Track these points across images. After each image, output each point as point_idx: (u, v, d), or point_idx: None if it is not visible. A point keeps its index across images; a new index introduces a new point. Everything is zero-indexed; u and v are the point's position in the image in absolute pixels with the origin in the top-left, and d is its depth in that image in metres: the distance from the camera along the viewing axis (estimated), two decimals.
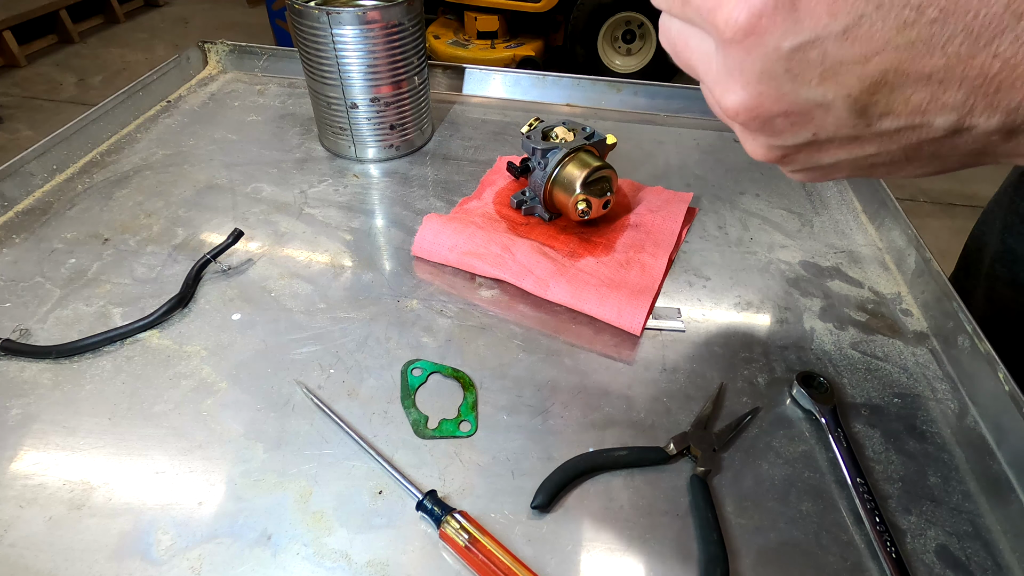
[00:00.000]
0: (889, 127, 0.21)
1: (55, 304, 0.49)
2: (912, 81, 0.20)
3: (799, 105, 0.22)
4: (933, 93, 0.20)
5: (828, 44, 0.20)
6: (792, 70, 0.21)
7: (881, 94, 0.20)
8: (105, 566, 0.33)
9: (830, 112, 0.22)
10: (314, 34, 0.59)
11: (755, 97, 0.22)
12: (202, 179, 0.64)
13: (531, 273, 0.51)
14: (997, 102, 0.19)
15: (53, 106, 2.73)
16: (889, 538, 0.35)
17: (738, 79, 0.22)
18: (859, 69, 0.20)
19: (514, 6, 2.59)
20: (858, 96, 0.21)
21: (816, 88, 0.21)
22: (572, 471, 0.38)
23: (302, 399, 0.42)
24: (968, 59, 0.19)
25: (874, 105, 0.21)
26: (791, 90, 0.22)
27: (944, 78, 0.19)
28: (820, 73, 0.21)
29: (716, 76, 0.24)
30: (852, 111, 0.21)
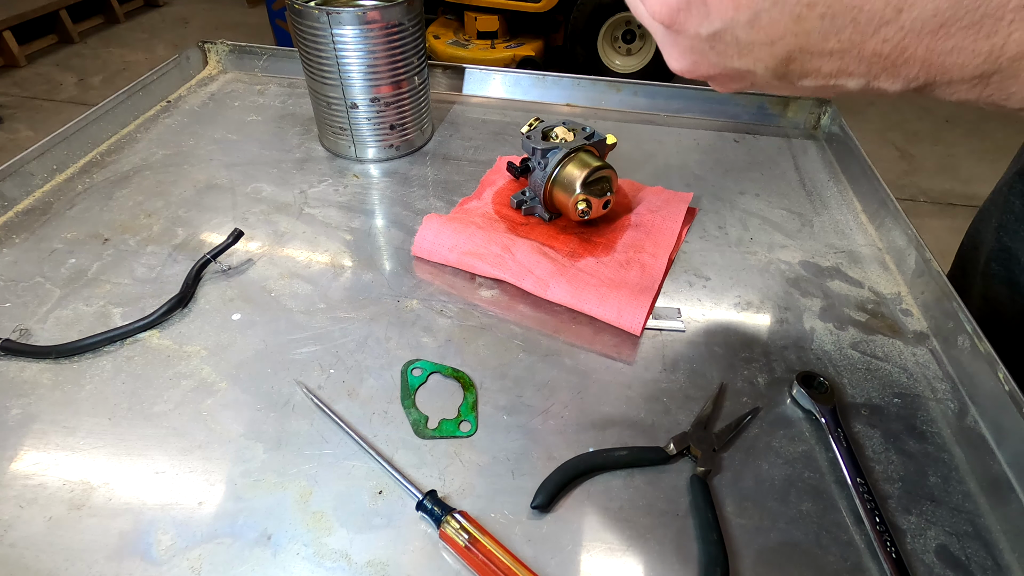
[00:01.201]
0: (810, 85, 0.25)
1: (55, 304, 0.49)
2: (817, 56, 0.23)
3: (730, 70, 0.26)
4: (839, 65, 0.23)
5: (738, 31, 0.24)
6: (715, 48, 0.25)
7: (794, 65, 0.24)
8: (105, 566, 0.33)
9: (756, 75, 0.26)
10: (314, 34, 0.59)
11: (692, 64, 0.27)
12: (202, 179, 0.64)
13: (531, 273, 0.51)
14: (895, 73, 0.22)
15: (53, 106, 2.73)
16: (889, 538, 0.35)
17: (674, 51, 0.27)
18: (768, 50, 0.24)
19: (514, 6, 2.58)
20: (775, 68, 0.25)
21: (738, 61, 0.25)
22: (572, 471, 0.38)
23: (302, 399, 0.42)
24: (860, 44, 0.22)
25: (791, 73, 0.25)
26: (719, 61, 0.26)
27: (844, 55, 0.23)
28: (738, 52, 0.25)
29: (661, 40, 0.28)
30: (773, 77, 0.25)
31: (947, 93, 0.23)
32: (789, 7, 0.22)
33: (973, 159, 2.60)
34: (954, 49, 0.21)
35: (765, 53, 0.24)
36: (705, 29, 0.24)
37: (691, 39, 0.25)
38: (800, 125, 0.77)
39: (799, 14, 0.22)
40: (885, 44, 0.21)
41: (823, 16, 0.22)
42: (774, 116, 0.77)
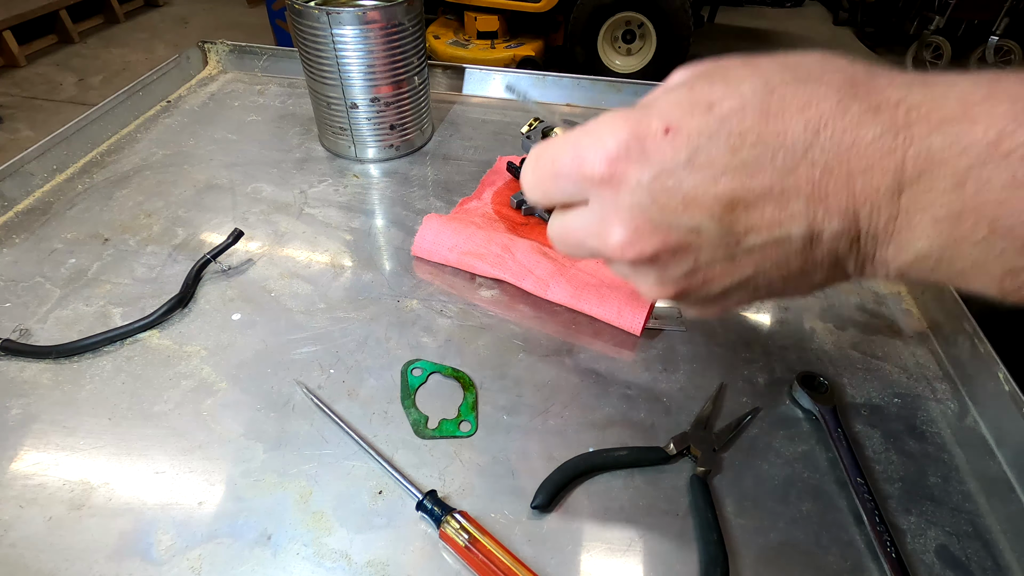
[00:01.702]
0: (756, 242, 0.24)
1: (55, 304, 0.49)
2: (758, 196, 0.23)
3: (674, 233, 0.25)
4: (780, 205, 0.23)
5: (679, 173, 0.23)
6: (657, 200, 0.24)
7: (738, 211, 0.23)
8: (105, 566, 0.33)
9: (702, 235, 0.24)
10: (314, 34, 0.59)
11: (633, 231, 0.25)
12: (202, 179, 0.64)
13: (531, 273, 0.51)
14: (830, 206, 0.22)
15: (53, 106, 2.73)
16: (889, 538, 0.35)
17: (614, 218, 0.26)
18: (712, 190, 0.23)
19: (514, 6, 2.58)
20: (720, 215, 0.24)
21: (683, 214, 0.24)
22: (572, 471, 0.38)
23: (302, 399, 0.42)
24: (793, 170, 0.22)
25: (736, 222, 0.24)
26: (662, 218, 0.24)
27: (783, 190, 0.23)
28: (682, 199, 0.24)
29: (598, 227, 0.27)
30: (720, 230, 0.24)
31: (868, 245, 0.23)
32: (723, 139, 0.23)
33: None
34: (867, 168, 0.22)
35: (709, 197, 0.23)
36: (646, 175, 0.24)
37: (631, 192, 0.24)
38: None
39: (733, 144, 0.23)
40: (814, 168, 0.22)
41: (754, 144, 0.22)
42: None
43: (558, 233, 0.30)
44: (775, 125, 0.22)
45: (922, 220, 0.21)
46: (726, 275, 0.26)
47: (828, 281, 0.26)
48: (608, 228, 0.26)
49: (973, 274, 0.21)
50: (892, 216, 0.22)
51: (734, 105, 0.23)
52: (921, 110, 0.21)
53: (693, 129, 0.23)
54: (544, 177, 0.29)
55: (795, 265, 0.25)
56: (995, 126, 0.19)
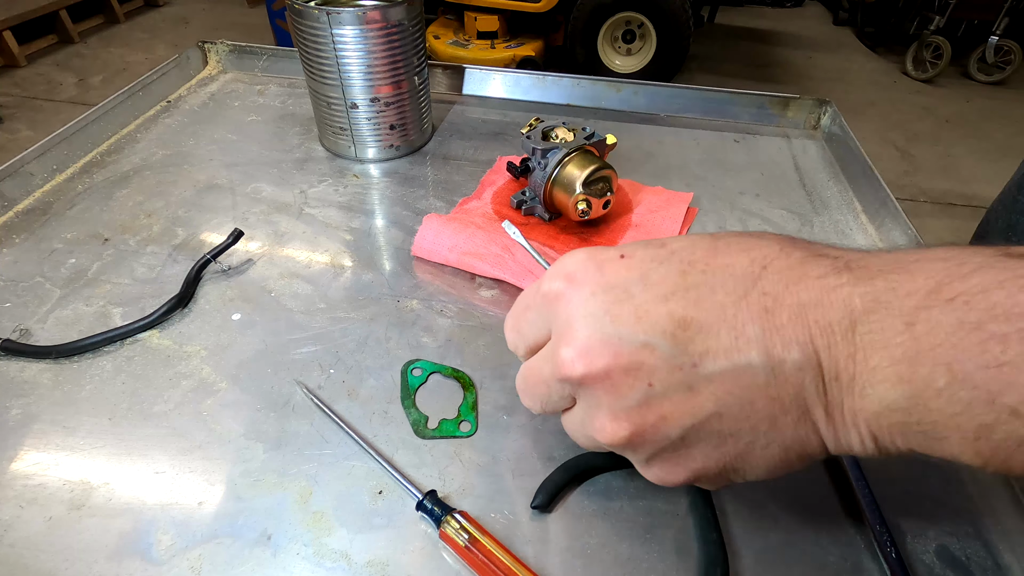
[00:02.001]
0: (714, 368, 0.23)
1: (55, 304, 0.49)
2: (712, 319, 0.23)
3: (626, 347, 0.24)
4: (735, 330, 0.23)
5: (632, 288, 0.24)
6: (610, 311, 0.24)
7: (691, 331, 0.23)
8: (105, 566, 0.33)
9: (655, 352, 0.24)
10: (314, 34, 0.59)
11: (585, 342, 0.25)
12: (202, 179, 0.64)
13: (531, 273, 0.51)
14: (787, 335, 0.22)
15: (53, 106, 2.73)
16: (889, 538, 0.35)
17: (567, 334, 0.26)
18: (663, 307, 0.24)
19: (514, 6, 2.59)
20: (673, 331, 0.23)
21: (634, 327, 0.24)
22: (572, 471, 0.38)
23: (302, 399, 0.42)
24: (744, 296, 0.23)
25: (691, 342, 0.23)
26: (613, 332, 0.24)
27: (735, 314, 0.23)
28: (633, 312, 0.24)
29: (552, 348, 0.27)
30: (673, 348, 0.23)
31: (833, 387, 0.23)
32: (674, 264, 0.24)
33: (973, 159, 2.60)
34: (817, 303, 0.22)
35: (662, 313, 0.23)
36: (599, 287, 0.25)
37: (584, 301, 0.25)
38: (800, 125, 0.77)
39: (683, 270, 0.24)
40: (765, 297, 0.22)
41: (704, 271, 0.24)
42: (774, 116, 0.77)
43: (522, 377, 0.31)
44: (722, 259, 0.24)
45: (880, 360, 0.21)
46: (685, 411, 0.24)
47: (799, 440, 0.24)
48: (560, 342, 0.26)
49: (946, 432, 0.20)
50: (850, 354, 0.21)
51: (684, 244, 0.25)
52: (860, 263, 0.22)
53: (647, 257, 0.25)
54: (517, 313, 0.31)
55: (760, 405, 0.23)
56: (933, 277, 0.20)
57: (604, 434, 0.26)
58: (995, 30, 3.04)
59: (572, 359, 0.25)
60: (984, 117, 2.94)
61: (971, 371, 0.19)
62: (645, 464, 0.28)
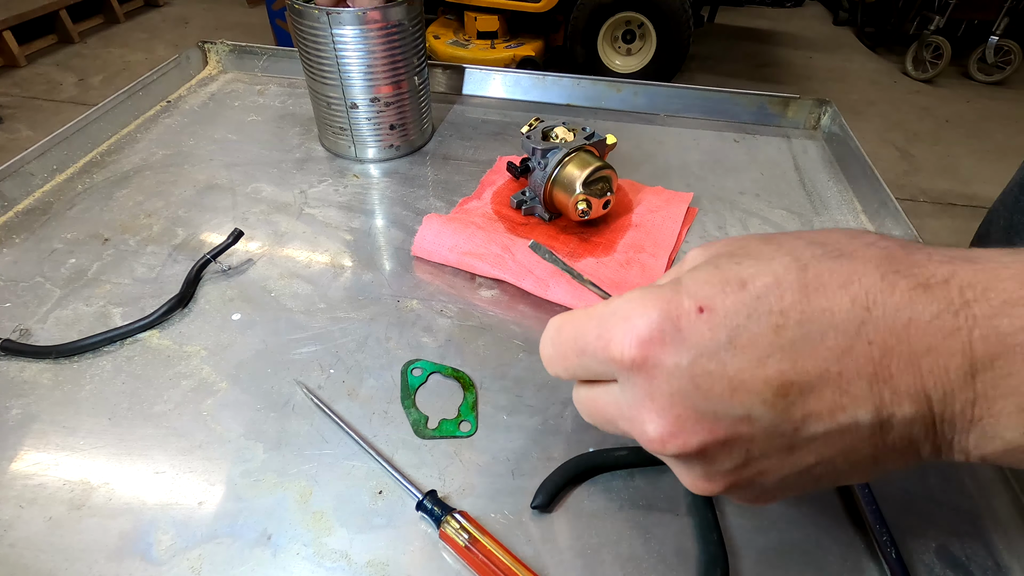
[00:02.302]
0: (818, 430, 0.21)
1: (55, 304, 0.49)
2: (815, 379, 0.21)
3: (722, 423, 0.22)
4: (840, 388, 0.21)
5: (722, 354, 0.21)
6: (700, 386, 0.22)
7: (793, 395, 0.21)
8: (105, 566, 0.33)
9: (754, 423, 0.22)
10: (314, 34, 0.59)
11: (674, 421, 0.23)
12: (202, 179, 0.64)
13: (531, 273, 0.51)
14: (897, 388, 0.20)
15: (53, 106, 2.73)
16: (889, 538, 0.35)
17: (650, 406, 0.23)
18: (760, 373, 0.21)
19: (514, 6, 2.59)
20: (773, 401, 0.21)
21: (730, 401, 0.22)
22: (572, 471, 0.38)
23: (302, 399, 0.42)
24: (848, 350, 0.20)
25: (792, 407, 0.21)
26: (707, 407, 0.22)
27: (841, 371, 0.21)
28: (727, 384, 0.21)
29: (632, 412, 0.24)
30: (774, 417, 0.21)
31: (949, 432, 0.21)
32: (765, 317, 0.21)
33: (973, 159, 2.60)
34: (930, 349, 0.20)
35: (758, 380, 0.21)
36: (684, 358, 0.22)
37: (669, 377, 0.22)
38: (800, 125, 0.77)
39: (777, 323, 0.21)
40: (872, 347, 0.20)
41: (800, 323, 0.21)
42: (774, 116, 0.77)
43: (587, 408, 0.28)
44: (819, 302, 0.21)
45: (1005, 407, 0.19)
46: (784, 466, 0.23)
47: (898, 466, 0.23)
48: (644, 416, 0.23)
49: None
50: (969, 401, 0.20)
51: (768, 282, 0.21)
52: (976, 289, 0.20)
53: (730, 308, 0.22)
54: (566, 353, 0.27)
55: (865, 452, 0.22)
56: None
57: (696, 489, 0.25)
58: (995, 30, 3.04)
59: (663, 439, 0.23)
60: (984, 117, 2.94)
61: None
62: (736, 500, 0.27)
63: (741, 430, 0.22)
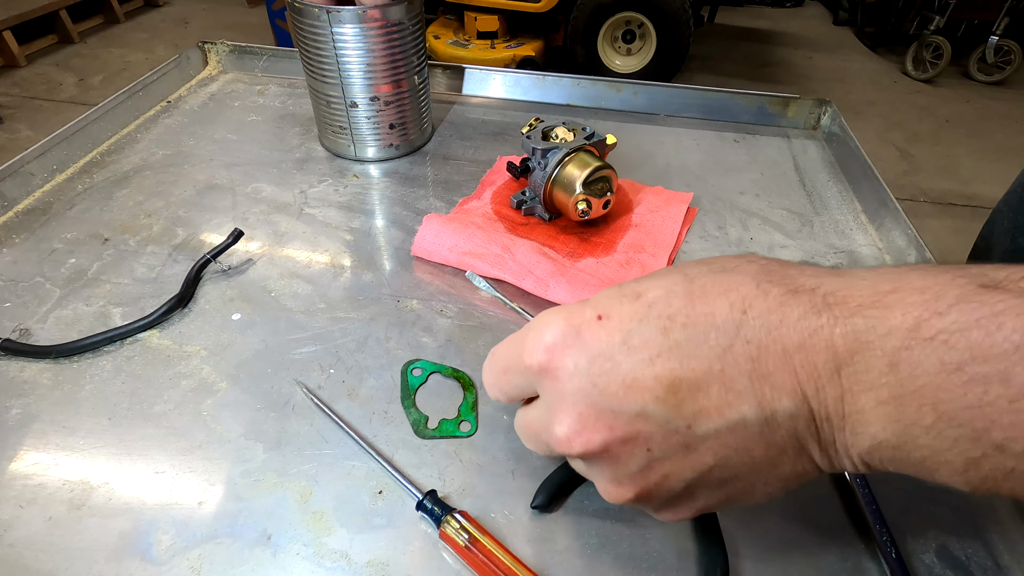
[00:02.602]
0: (710, 427, 0.23)
1: (55, 304, 0.49)
2: (700, 377, 0.23)
3: (620, 420, 0.24)
4: (725, 385, 0.22)
5: (616, 355, 0.23)
6: (598, 384, 0.24)
7: (682, 393, 0.23)
8: (105, 566, 0.33)
9: (650, 420, 0.23)
10: (314, 33, 0.59)
11: (577, 419, 0.25)
12: (202, 179, 0.64)
13: (531, 273, 0.51)
14: (776, 384, 0.22)
15: (53, 106, 2.73)
16: (889, 538, 0.35)
17: (558, 408, 0.25)
18: (651, 371, 0.23)
19: (514, 6, 2.59)
20: (664, 397, 0.23)
21: (626, 398, 0.23)
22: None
23: (302, 399, 0.42)
24: (728, 348, 0.22)
25: (683, 403, 0.23)
26: (605, 404, 0.24)
27: (724, 368, 0.22)
28: (622, 382, 0.23)
29: (547, 418, 0.26)
30: (667, 414, 0.23)
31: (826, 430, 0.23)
32: (653, 321, 0.23)
33: (973, 159, 2.60)
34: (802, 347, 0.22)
35: (649, 378, 0.23)
36: (584, 359, 0.24)
37: (570, 377, 0.24)
38: (800, 125, 0.77)
39: (664, 326, 0.23)
40: (749, 345, 0.22)
41: (685, 325, 0.23)
42: (774, 116, 0.77)
43: (522, 430, 0.31)
44: (701, 307, 0.23)
45: (867, 401, 0.21)
46: (685, 468, 0.24)
47: (797, 473, 0.25)
48: (554, 418, 0.26)
49: (936, 464, 0.21)
50: (838, 396, 0.21)
51: (659, 294, 0.24)
52: (837, 295, 0.22)
53: (624, 315, 0.24)
54: (497, 373, 0.30)
55: (758, 452, 0.24)
56: (911, 313, 0.20)
57: (610, 497, 0.27)
58: (995, 30, 3.04)
59: (568, 437, 0.25)
60: (984, 117, 2.94)
61: (956, 411, 0.19)
62: (653, 511, 0.29)
63: (639, 427, 0.24)
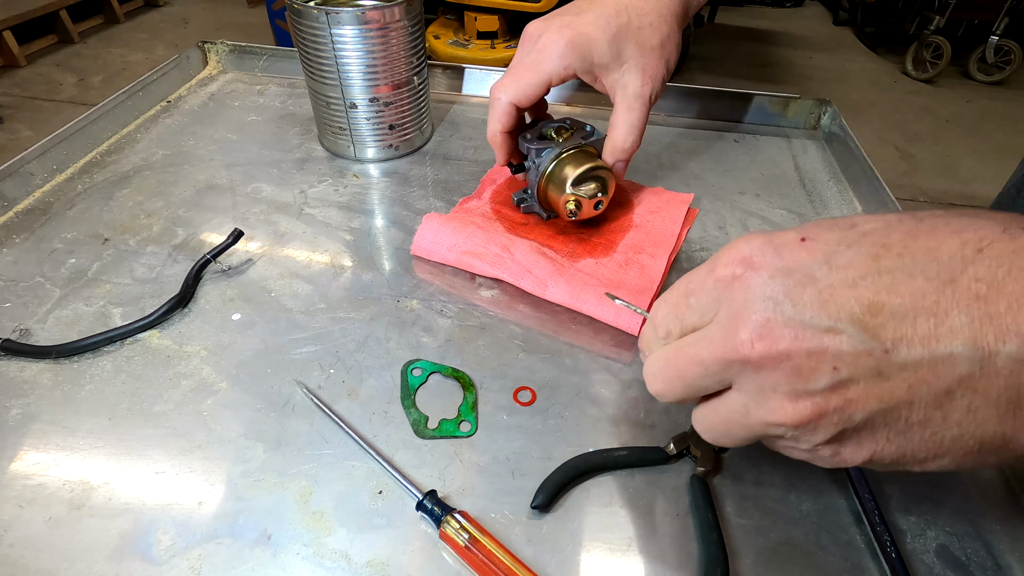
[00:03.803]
0: (910, 357, 0.21)
1: (55, 304, 0.49)
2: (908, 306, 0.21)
3: (808, 331, 0.22)
4: (936, 318, 0.20)
5: (816, 271, 0.22)
6: (790, 294, 0.23)
7: (883, 316, 0.21)
8: (105, 566, 0.33)
9: (842, 337, 0.22)
10: (313, 34, 0.59)
11: (763, 323, 0.23)
12: (202, 179, 0.64)
13: (530, 273, 0.51)
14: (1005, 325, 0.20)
15: (53, 106, 2.73)
16: (889, 538, 0.35)
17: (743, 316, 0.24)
18: (851, 292, 0.22)
19: (514, 6, 2.58)
20: (862, 317, 0.21)
21: (818, 311, 0.22)
22: (572, 471, 0.38)
23: (302, 399, 0.42)
24: (951, 281, 0.20)
25: (882, 328, 0.21)
26: (795, 314, 0.22)
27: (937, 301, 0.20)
28: (817, 295, 0.22)
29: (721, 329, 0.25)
30: (862, 335, 0.21)
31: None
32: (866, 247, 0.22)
33: (973, 159, 2.60)
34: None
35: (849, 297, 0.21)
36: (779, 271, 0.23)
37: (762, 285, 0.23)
38: (800, 125, 0.77)
39: (876, 253, 0.22)
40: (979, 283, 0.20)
41: (901, 255, 0.21)
42: (774, 116, 0.77)
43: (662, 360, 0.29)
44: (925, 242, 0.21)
45: None
46: (873, 396, 0.22)
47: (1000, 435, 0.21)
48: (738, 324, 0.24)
49: None
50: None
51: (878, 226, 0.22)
52: None
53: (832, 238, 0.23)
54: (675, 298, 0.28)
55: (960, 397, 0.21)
56: None
57: (781, 414, 0.24)
58: (995, 30, 3.04)
59: (750, 340, 0.23)
60: (984, 117, 2.94)
61: None
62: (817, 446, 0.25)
63: (828, 342, 0.22)
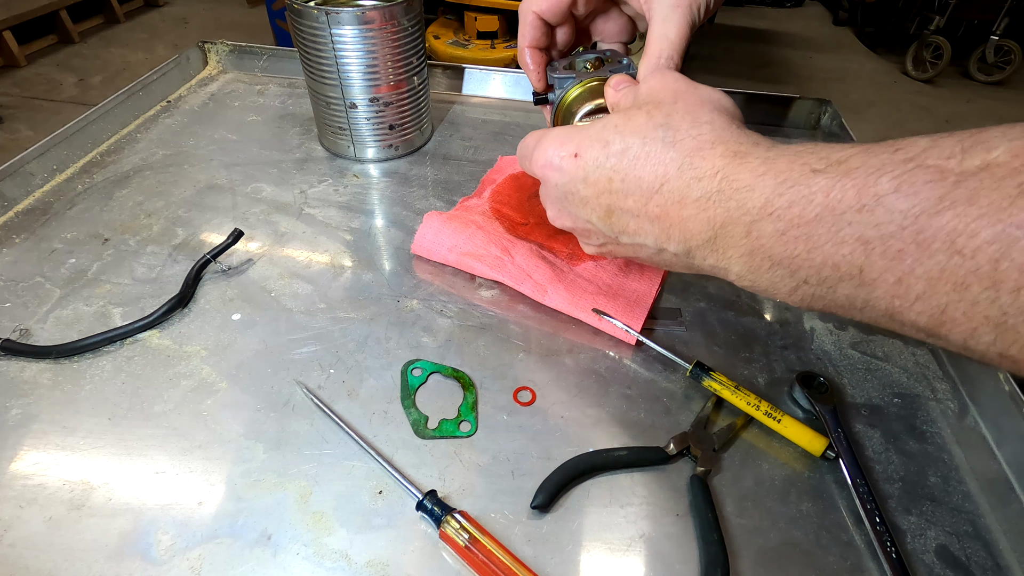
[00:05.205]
0: (627, 240, 0.36)
1: (55, 304, 0.49)
2: (626, 212, 0.34)
3: (579, 221, 0.38)
4: (639, 222, 0.34)
5: (578, 186, 0.36)
6: (566, 197, 0.38)
7: (615, 217, 0.35)
8: (105, 566, 0.33)
9: (594, 225, 0.37)
10: (313, 34, 0.59)
11: (557, 211, 0.40)
12: (202, 179, 0.64)
13: (530, 277, 0.50)
14: (670, 234, 0.33)
15: (53, 106, 2.73)
16: (889, 538, 0.35)
17: (547, 197, 0.40)
18: (595, 202, 0.36)
19: (514, 6, 2.58)
20: (603, 216, 0.36)
21: (582, 210, 0.37)
22: (572, 471, 0.38)
23: (302, 399, 0.42)
24: (646, 202, 0.33)
25: (614, 223, 0.35)
26: (570, 209, 0.38)
27: (637, 213, 0.34)
28: (580, 200, 0.37)
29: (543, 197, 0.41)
30: (604, 226, 0.36)
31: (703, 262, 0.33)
32: (605, 172, 0.34)
33: None
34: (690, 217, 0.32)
35: (596, 204, 0.36)
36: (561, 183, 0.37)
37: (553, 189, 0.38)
38: (800, 125, 0.77)
39: (610, 177, 0.34)
40: (659, 207, 0.32)
41: (623, 180, 0.33)
42: (774, 116, 0.77)
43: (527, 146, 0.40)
44: (638, 171, 0.33)
45: (729, 255, 0.31)
46: (618, 251, 0.38)
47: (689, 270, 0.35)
48: (545, 204, 0.41)
49: (774, 292, 0.30)
50: (712, 250, 0.32)
51: (618, 148, 0.34)
52: (728, 179, 0.30)
53: (590, 159, 0.35)
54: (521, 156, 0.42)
55: (656, 260, 0.36)
56: (764, 195, 0.28)
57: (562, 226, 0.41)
58: (995, 30, 3.03)
59: (552, 217, 0.41)
60: (984, 117, 2.94)
61: (780, 259, 0.28)
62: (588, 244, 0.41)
63: (588, 227, 0.38)
